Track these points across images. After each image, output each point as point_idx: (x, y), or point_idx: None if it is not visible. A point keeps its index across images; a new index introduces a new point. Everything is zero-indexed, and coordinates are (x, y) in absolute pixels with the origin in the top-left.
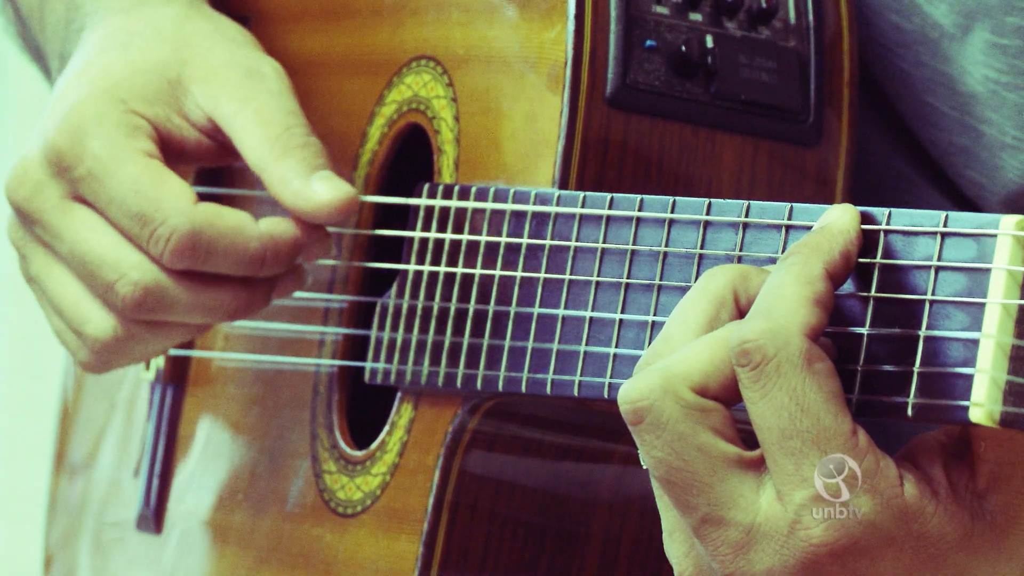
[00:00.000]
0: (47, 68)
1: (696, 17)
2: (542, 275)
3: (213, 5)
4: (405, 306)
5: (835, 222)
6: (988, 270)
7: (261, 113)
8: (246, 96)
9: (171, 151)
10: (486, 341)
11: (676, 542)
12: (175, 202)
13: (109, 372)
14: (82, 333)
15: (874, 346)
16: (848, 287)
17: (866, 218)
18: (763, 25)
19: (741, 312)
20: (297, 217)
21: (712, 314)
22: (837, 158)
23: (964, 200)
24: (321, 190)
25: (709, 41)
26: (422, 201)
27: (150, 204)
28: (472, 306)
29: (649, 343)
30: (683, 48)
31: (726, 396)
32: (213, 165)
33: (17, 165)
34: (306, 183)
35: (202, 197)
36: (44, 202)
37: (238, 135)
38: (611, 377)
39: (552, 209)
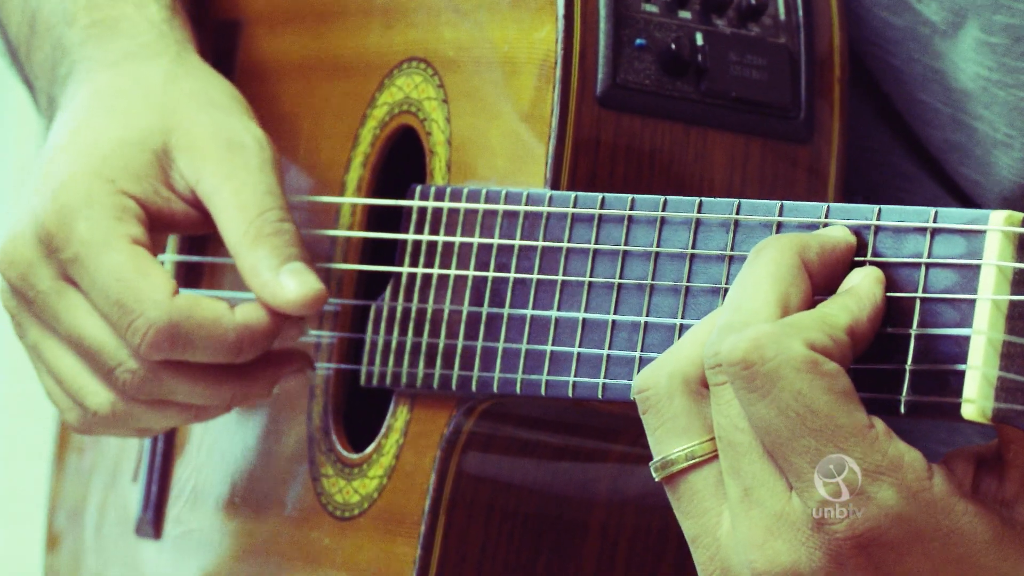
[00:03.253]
0: (36, 100)
1: (685, 15)
2: (535, 276)
3: (203, 10)
4: (399, 308)
5: (867, 280)
6: (978, 266)
7: (239, 193)
8: (226, 172)
9: (160, 224)
10: (480, 343)
11: (700, 547)
12: (154, 294)
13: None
14: (82, 404)
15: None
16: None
17: (856, 213)
18: (753, 22)
19: (812, 277)
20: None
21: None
22: (829, 154)
23: (963, 196)
24: (289, 285)
25: (699, 39)
26: (414, 203)
27: (130, 294)
28: (465, 308)
29: (642, 343)
30: (673, 46)
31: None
32: (201, 233)
33: (8, 242)
34: (275, 276)
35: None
36: (38, 283)
37: (216, 213)
38: (605, 377)
39: (544, 209)
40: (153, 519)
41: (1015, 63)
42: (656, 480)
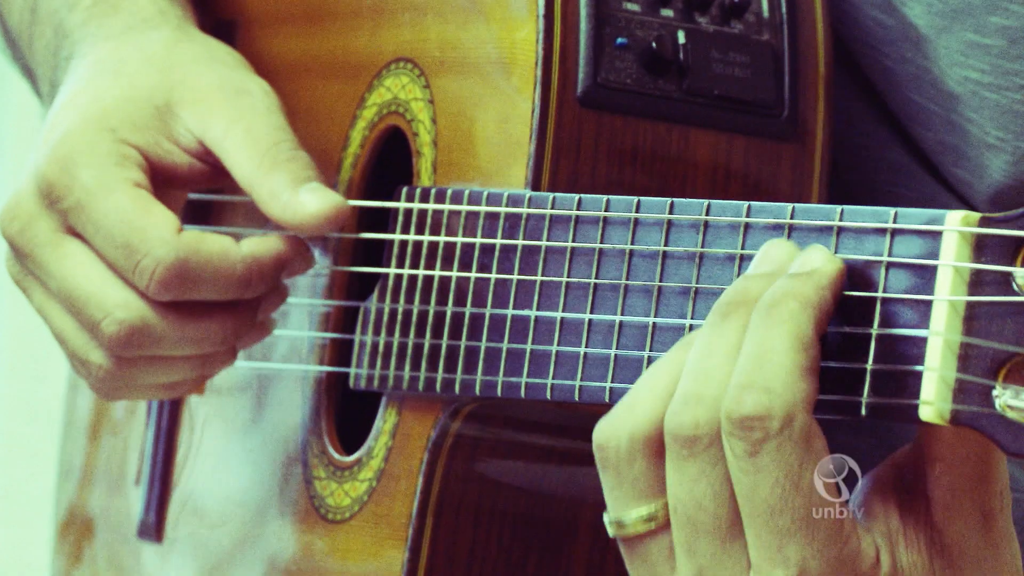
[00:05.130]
0: (37, 89)
1: (667, 13)
2: (515, 277)
3: (199, 8)
4: (386, 310)
5: (823, 273)
6: (935, 267)
7: (249, 131)
8: (234, 116)
9: (162, 177)
10: (463, 344)
11: None
12: (160, 232)
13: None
14: (87, 363)
15: (827, 344)
16: None
17: (819, 214)
18: (736, 19)
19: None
20: (278, 235)
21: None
22: (813, 152)
23: (958, 194)
24: (309, 201)
25: (681, 37)
26: (400, 205)
27: (135, 234)
28: (449, 309)
29: (617, 343)
30: (654, 45)
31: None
32: (206, 188)
33: (11, 198)
34: (294, 195)
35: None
36: (35, 235)
37: (227, 155)
38: (581, 380)
39: (523, 211)
40: (155, 522)
41: (1010, 65)
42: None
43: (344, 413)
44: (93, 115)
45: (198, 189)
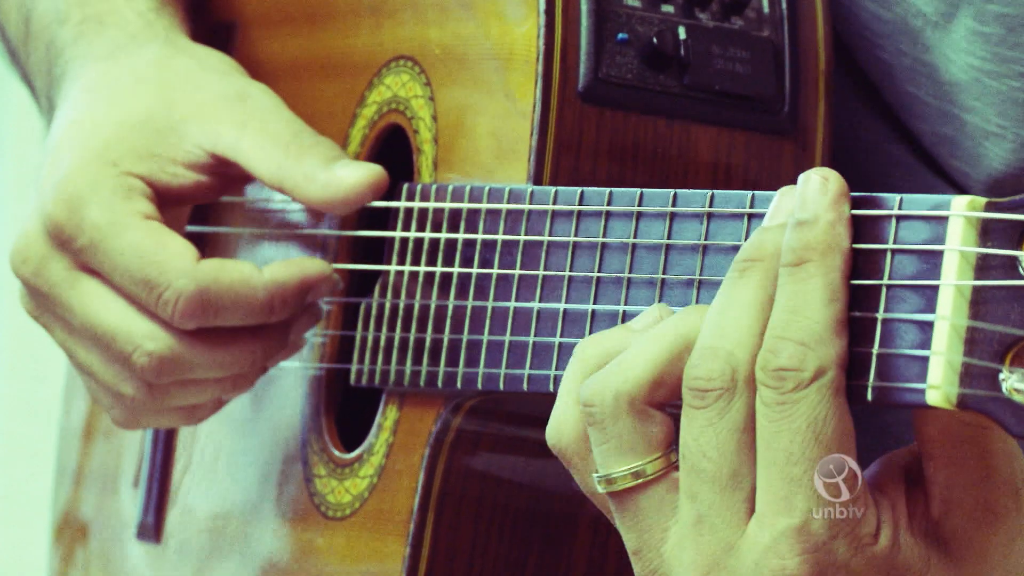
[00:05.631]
0: (36, 99)
1: (668, 9)
2: (517, 272)
3: (194, 12)
4: (387, 306)
5: (830, 210)
6: (941, 252)
7: (264, 129)
8: (242, 120)
9: (170, 199)
10: (465, 338)
11: (642, 560)
12: (178, 263)
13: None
14: (120, 394)
15: None
16: None
17: None
18: (736, 15)
19: None
20: (301, 259)
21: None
22: (814, 147)
23: (957, 186)
24: (347, 175)
25: (682, 32)
26: (401, 204)
27: (154, 268)
28: (451, 303)
29: None
30: (655, 40)
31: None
32: (213, 201)
33: (19, 239)
34: (331, 173)
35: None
36: (51, 276)
37: (245, 156)
38: None
39: (525, 207)
40: (154, 524)
41: (1008, 52)
42: (600, 492)
43: (344, 411)
44: (93, 150)
45: (206, 202)
